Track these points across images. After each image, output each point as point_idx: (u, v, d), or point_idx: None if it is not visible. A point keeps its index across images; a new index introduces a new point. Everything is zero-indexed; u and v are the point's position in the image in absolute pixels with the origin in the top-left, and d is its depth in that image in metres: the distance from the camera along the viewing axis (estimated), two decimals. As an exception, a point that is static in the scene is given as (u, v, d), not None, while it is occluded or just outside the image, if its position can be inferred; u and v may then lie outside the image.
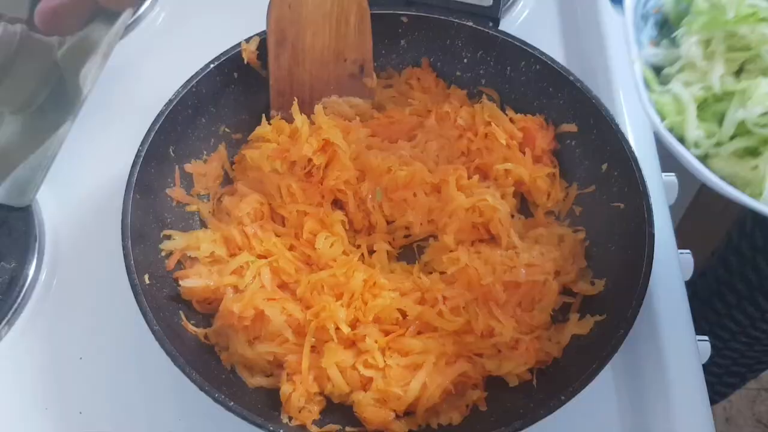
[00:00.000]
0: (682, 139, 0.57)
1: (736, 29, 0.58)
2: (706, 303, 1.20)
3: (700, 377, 0.78)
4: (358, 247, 0.84)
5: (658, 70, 0.61)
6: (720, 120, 0.57)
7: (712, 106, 0.58)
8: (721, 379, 1.33)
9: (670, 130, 0.57)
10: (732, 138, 0.57)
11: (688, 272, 0.87)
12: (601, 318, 0.76)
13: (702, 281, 1.20)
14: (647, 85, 0.59)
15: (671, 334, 0.79)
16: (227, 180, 0.90)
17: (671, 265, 0.84)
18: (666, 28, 0.63)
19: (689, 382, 0.77)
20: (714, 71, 0.58)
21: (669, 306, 0.81)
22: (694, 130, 0.57)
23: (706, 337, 0.84)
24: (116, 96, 0.99)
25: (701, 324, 1.18)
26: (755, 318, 1.15)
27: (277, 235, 0.83)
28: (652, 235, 0.76)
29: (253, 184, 0.86)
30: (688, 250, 0.88)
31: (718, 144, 0.57)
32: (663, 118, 0.57)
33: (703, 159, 0.57)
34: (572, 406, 0.68)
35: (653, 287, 0.79)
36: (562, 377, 0.73)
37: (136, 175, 0.80)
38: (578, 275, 0.81)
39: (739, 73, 0.59)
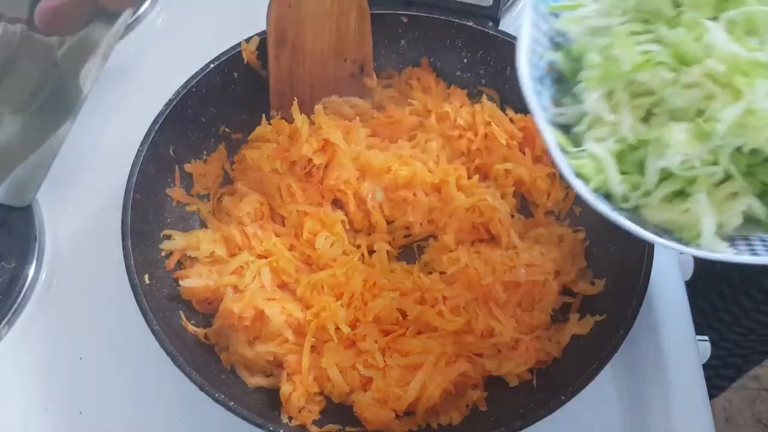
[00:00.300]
0: (609, 196, 0.56)
1: (635, 77, 0.56)
2: (704, 297, 1.21)
3: (700, 377, 0.78)
4: (358, 247, 0.84)
5: (566, 128, 0.59)
6: (641, 168, 0.56)
7: (629, 156, 0.56)
8: (718, 372, 1.33)
9: (596, 190, 0.55)
10: (658, 184, 0.55)
11: (688, 272, 0.87)
12: (601, 318, 0.76)
13: (701, 279, 1.20)
14: (563, 150, 0.56)
15: (671, 334, 0.80)
16: (227, 180, 0.90)
17: (671, 265, 0.84)
18: (563, 83, 0.61)
19: (689, 382, 0.77)
20: (623, 122, 0.56)
21: (669, 306, 0.81)
22: (618, 185, 0.55)
23: (705, 337, 0.84)
24: (116, 96, 0.99)
25: (699, 320, 1.19)
26: (749, 309, 1.15)
27: (277, 235, 0.83)
28: (652, 235, 0.76)
29: (253, 184, 0.87)
30: (688, 250, 0.88)
31: (646, 194, 0.55)
32: (586, 181, 0.55)
33: (635, 211, 0.56)
34: (572, 406, 0.68)
35: (653, 287, 0.79)
36: (562, 377, 0.73)
37: (136, 176, 0.80)
38: (578, 275, 0.81)
39: (647, 118, 0.57)
